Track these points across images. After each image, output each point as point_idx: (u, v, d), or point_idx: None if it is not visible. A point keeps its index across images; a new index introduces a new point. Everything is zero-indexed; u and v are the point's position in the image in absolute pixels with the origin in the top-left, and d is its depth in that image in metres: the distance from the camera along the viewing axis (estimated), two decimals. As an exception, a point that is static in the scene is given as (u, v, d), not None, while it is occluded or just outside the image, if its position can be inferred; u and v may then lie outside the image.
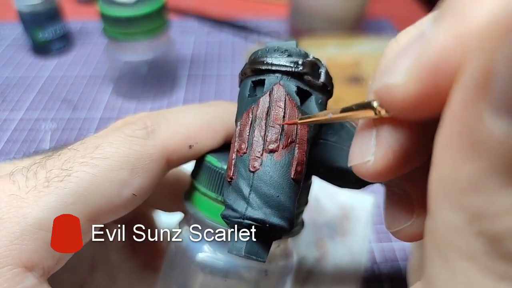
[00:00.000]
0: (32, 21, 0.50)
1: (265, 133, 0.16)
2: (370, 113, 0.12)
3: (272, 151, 0.16)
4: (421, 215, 0.14)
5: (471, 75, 0.08)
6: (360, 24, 0.57)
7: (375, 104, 0.12)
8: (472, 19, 0.09)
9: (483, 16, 0.09)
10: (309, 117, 0.16)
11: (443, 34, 0.09)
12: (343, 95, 0.45)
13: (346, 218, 0.35)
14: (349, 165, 0.14)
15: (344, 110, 0.14)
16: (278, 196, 0.16)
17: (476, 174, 0.08)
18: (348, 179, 0.20)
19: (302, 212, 0.21)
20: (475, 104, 0.08)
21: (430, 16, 0.13)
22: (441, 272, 0.09)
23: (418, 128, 0.12)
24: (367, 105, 0.12)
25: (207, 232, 0.20)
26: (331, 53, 0.52)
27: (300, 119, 0.16)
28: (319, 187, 0.36)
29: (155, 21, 0.43)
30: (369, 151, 0.13)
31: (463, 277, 0.08)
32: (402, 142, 0.12)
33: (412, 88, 0.10)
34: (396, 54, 0.11)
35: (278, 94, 0.17)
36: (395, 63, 0.11)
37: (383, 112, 0.12)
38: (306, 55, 0.17)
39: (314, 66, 0.17)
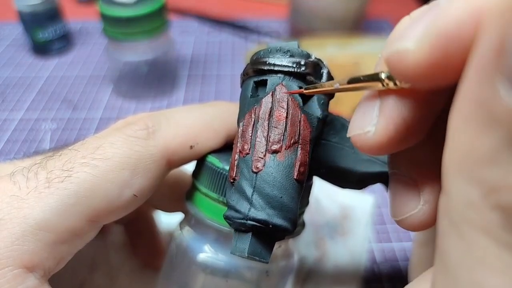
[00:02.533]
0: (32, 21, 0.50)
1: (267, 134, 0.16)
2: (377, 85, 0.12)
3: (275, 152, 0.16)
4: (428, 201, 0.14)
5: (485, 47, 0.08)
6: (360, 24, 0.57)
7: (383, 75, 0.12)
8: None
9: None
10: (315, 87, 0.16)
11: (457, 5, 0.10)
12: (343, 95, 0.45)
13: (346, 218, 0.35)
14: (348, 135, 0.14)
15: (351, 81, 0.14)
16: (281, 197, 0.16)
17: (492, 146, 0.08)
18: (349, 179, 0.20)
19: (303, 212, 0.21)
20: (489, 76, 0.08)
21: None
22: (456, 247, 0.09)
23: (422, 103, 0.12)
24: (375, 77, 0.12)
25: (208, 233, 0.21)
26: (331, 53, 0.52)
27: (306, 88, 0.16)
28: (319, 187, 0.36)
29: (155, 21, 0.43)
30: (370, 121, 0.13)
31: (479, 251, 0.08)
32: (405, 115, 0.12)
33: (423, 54, 0.10)
34: (408, 23, 0.11)
35: (280, 95, 0.17)
36: (407, 30, 0.11)
37: (391, 84, 0.12)
38: (308, 56, 0.17)
39: (316, 66, 0.17)
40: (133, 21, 0.41)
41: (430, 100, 0.12)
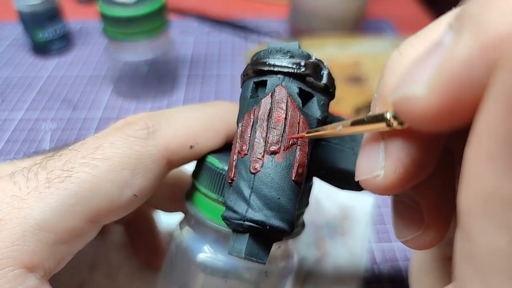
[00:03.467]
0: (32, 21, 0.50)
1: (266, 135, 0.16)
2: (382, 126, 0.12)
3: (273, 153, 0.16)
4: (432, 224, 0.14)
5: (509, 83, 0.08)
6: (360, 24, 0.57)
7: (388, 115, 0.12)
8: (495, 26, 0.09)
9: (507, 22, 0.09)
10: (317, 130, 0.16)
11: (465, 43, 0.09)
12: (343, 95, 0.45)
13: (346, 218, 0.35)
14: (356, 179, 0.14)
15: (355, 122, 0.13)
16: (279, 198, 0.16)
17: None
18: (349, 180, 0.20)
19: (303, 213, 0.21)
20: None
21: (441, 23, 0.12)
22: None
23: (428, 139, 0.12)
24: (379, 117, 0.12)
25: (207, 233, 0.21)
26: (331, 53, 0.52)
27: (307, 132, 0.16)
28: (319, 188, 0.36)
29: (155, 21, 0.43)
30: (378, 165, 0.13)
31: None
32: (413, 154, 0.12)
33: (435, 100, 0.10)
34: (412, 65, 0.11)
35: (280, 96, 0.17)
36: (413, 74, 0.10)
37: (395, 124, 0.12)
38: (308, 56, 0.17)
39: (316, 67, 0.17)
40: (133, 21, 0.41)
41: (437, 136, 0.12)
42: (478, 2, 0.09)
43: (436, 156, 0.13)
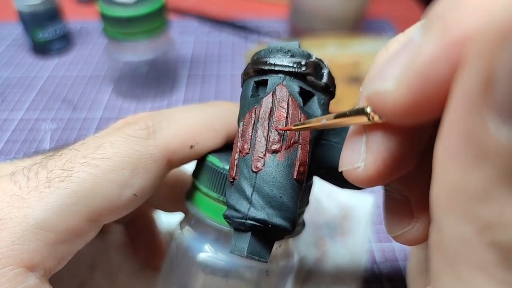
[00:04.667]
0: (32, 21, 0.50)
1: (267, 134, 0.16)
2: (363, 119, 0.13)
3: (274, 152, 0.16)
4: (421, 218, 0.14)
5: (470, 82, 0.08)
6: (360, 24, 0.57)
7: (368, 109, 0.12)
8: (460, 27, 0.09)
9: (471, 22, 0.09)
10: (303, 124, 0.16)
11: (431, 41, 0.09)
12: (343, 95, 0.45)
13: (346, 218, 0.35)
14: (339, 170, 0.14)
15: (338, 116, 0.14)
16: (280, 197, 0.16)
17: (485, 183, 0.08)
18: (349, 179, 0.20)
19: (303, 212, 0.21)
20: (477, 111, 0.08)
21: (418, 23, 0.13)
22: (452, 285, 0.09)
23: (408, 134, 0.12)
24: (360, 111, 0.13)
25: (208, 232, 0.21)
26: (331, 53, 0.52)
27: (294, 125, 0.16)
28: (319, 187, 0.36)
29: (155, 21, 0.43)
30: (359, 157, 0.13)
31: None
32: (392, 148, 0.12)
33: (403, 95, 0.10)
34: (385, 60, 0.11)
35: (281, 95, 0.17)
36: (385, 70, 0.11)
37: (376, 118, 0.12)
38: (309, 56, 0.17)
39: (317, 66, 0.17)
40: (133, 21, 0.41)
41: (417, 131, 0.12)
42: (445, 2, 0.10)
43: (418, 151, 0.13)
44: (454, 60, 0.09)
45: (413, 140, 0.13)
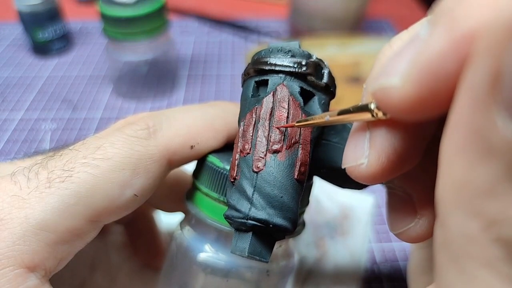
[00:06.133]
0: (32, 21, 0.50)
1: (268, 134, 0.16)
2: (367, 115, 0.12)
3: (275, 152, 0.16)
4: (424, 215, 0.14)
5: (478, 77, 0.08)
6: (360, 24, 0.57)
7: (372, 106, 0.12)
8: (467, 22, 0.09)
9: (478, 17, 0.09)
10: (306, 120, 0.16)
11: (438, 37, 0.09)
12: (343, 95, 0.45)
13: (346, 218, 0.35)
14: (342, 166, 0.14)
15: (342, 112, 0.14)
16: (281, 197, 0.16)
17: (491, 178, 0.08)
18: (349, 179, 0.20)
19: (303, 212, 0.21)
20: (485, 107, 0.08)
21: (424, 19, 0.13)
22: (457, 282, 0.09)
23: (412, 130, 0.12)
24: (364, 107, 0.12)
25: (208, 232, 0.21)
26: (331, 53, 0.52)
27: (297, 122, 0.16)
28: (319, 187, 0.36)
29: (155, 21, 0.43)
30: (362, 153, 0.13)
31: (481, 286, 0.08)
32: (396, 145, 0.12)
33: (409, 90, 0.10)
34: (391, 56, 0.11)
35: (281, 95, 0.17)
36: (391, 65, 0.11)
37: (380, 114, 0.12)
38: (309, 56, 0.17)
39: (317, 66, 0.17)
40: (133, 21, 0.41)
41: (421, 127, 0.12)
42: None
43: (422, 147, 0.13)
44: (461, 55, 0.09)
45: (417, 136, 0.13)
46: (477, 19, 0.09)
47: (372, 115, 0.12)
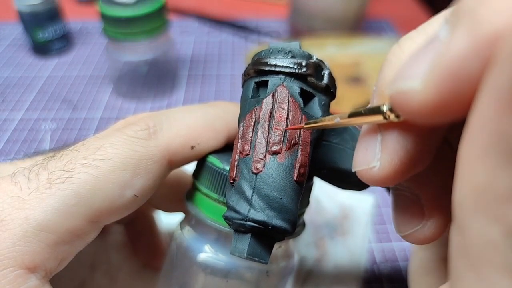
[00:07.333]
0: (32, 21, 0.50)
1: (268, 135, 0.16)
2: (379, 118, 0.12)
3: (275, 153, 0.16)
4: (433, 217, 0.14)
5: (503, 80, 0.08)
6: (360, 24, 0.57)
7: (384, 108, 0.12)
8: (490, 22, 0.09)
9: (502, 18, 0.09)
10: (315, 122, 0.16)
11: (461, 38, 0.09)
12: (343, 95, 0.45)
13: (346, 218, 0.35)
14: (353, 170, 0.14)
15: (352, 114, 0.14)
16: (281, 198, 0.16)
17: None
18: (350, 180, 0.20)
19: (303, 213, 0.21)
20: (510, 110, 0.07)
21: (440, 18, 0.12)
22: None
23: (424, 132, 0.12)
24: (376, 110, 0.12)
25: (208, 233, 0.21)
26: (331, 53, 0.52)
27: (306, 123, 0.16)
28: (319, 187, 0.36)
29: (155, 21, 0.43)
30: (374, 156, 0.13)
31: None
32: (408, 147, 0.12)
33: (430, 94, 0.10)
34: (408, 58, 0.11)
35: (281, 96, 0.17)
36: (409, 68, 0.11)
37: (392, 117, 0.12)
38: (309, 57, 0.17)
39: (317, 67, 0.17)
40: (133, 21, 0.41)
41: (433, 130, 0.12)
42: None
43: (433, 149, 0.13)
44: (484, 58, 0.09)
45: (429, 138, 0.12)
46: (499, 20, 0.09)
47: (385, 117, 0.12)
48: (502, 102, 0.08)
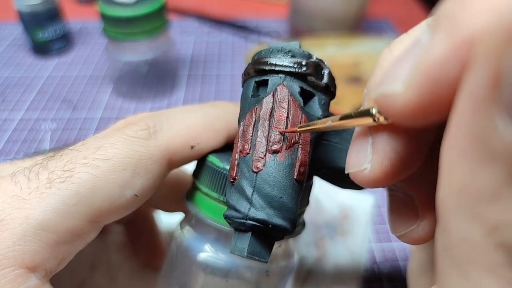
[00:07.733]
0: (32, 21, 0.50)
1: (268, 134, 0.16)
2: (369, 120, 0.13)
3: (275, 152, 0.16)
4: (426, 217, 0.14)
5: (478, 81, 0.08)
6: (360, 24, 0.57)
7: (374, 111, 0.12)
8: (468, 26, 0.09)
9: (479, 22, 0.09)
10: (308, 125, 0.16)
11: (440, 42, 0.09)
12: (343, 95, 0.45)
13: (346, 218, 0.35)
14: (346, 171, 0.14)
15: (343, 117, 0.14)
16: (281, 197, 0.16)
17: (493, 183, 0.08)
18: (349, 180, 0.20)
19: (303, 212, 0.21)
20: (486, 111, 0.07)
21: (424, 23, 0.13)
22: (459, 287, 0.09)
23: (414, 134, 0.12)
24: (366, 113, 0.13)
25: (208, 232, 0.21)
26: (331, 53, 0.52)
27: (300, 127, 0.16)
28: (319, 187, 0.36)
29: (155, 21, 0.43)
30: (365, 158, 0.13)
31: None
32: (398, 149, 0.12)
33: (412, 97, 0.10)
34: (393, 62, 0.11)
35: (281, 95, 0.17)
36: (392, 71, 0.11)
37: (381, 119, 0.12)
38: (309, 56, 0.17)
39: (317, 67, 0.17)
40: (133, 21, 0.41)
41: (423, 132, 0.12)
42: (452, 2, 0.10)
43: (424, 150, 0.13)
44: (463, 60, 0.09)
45: (419, 140, 0.13)
46: (477, 23, 0.09)
47: (374, 120, 0.12)
48: (477, 104, 0.08)
